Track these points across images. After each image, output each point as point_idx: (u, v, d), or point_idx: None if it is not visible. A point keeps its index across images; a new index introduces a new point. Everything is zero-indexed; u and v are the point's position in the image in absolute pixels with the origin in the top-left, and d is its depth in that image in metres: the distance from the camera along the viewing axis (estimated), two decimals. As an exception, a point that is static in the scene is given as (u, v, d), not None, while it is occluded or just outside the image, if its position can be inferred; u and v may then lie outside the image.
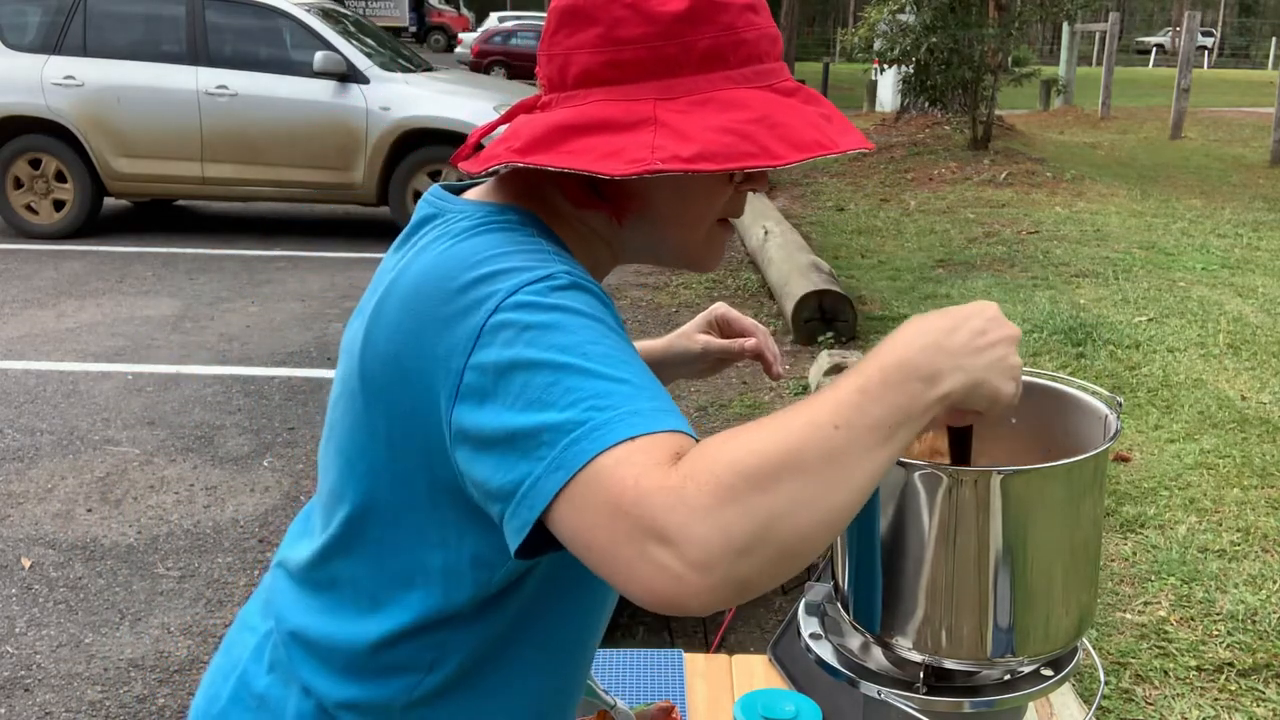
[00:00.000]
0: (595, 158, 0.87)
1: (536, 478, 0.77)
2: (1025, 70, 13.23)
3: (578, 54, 0.93)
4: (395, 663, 0.99)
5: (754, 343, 1.36)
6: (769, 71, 0.95)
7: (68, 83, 8.08)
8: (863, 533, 1.20)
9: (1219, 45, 52.28)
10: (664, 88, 0.91)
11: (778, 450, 0.75)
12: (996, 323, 0.89)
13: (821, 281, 6.05)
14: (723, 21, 0.92)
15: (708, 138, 0.87)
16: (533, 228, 0.95)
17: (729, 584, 0.72)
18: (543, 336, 0.81)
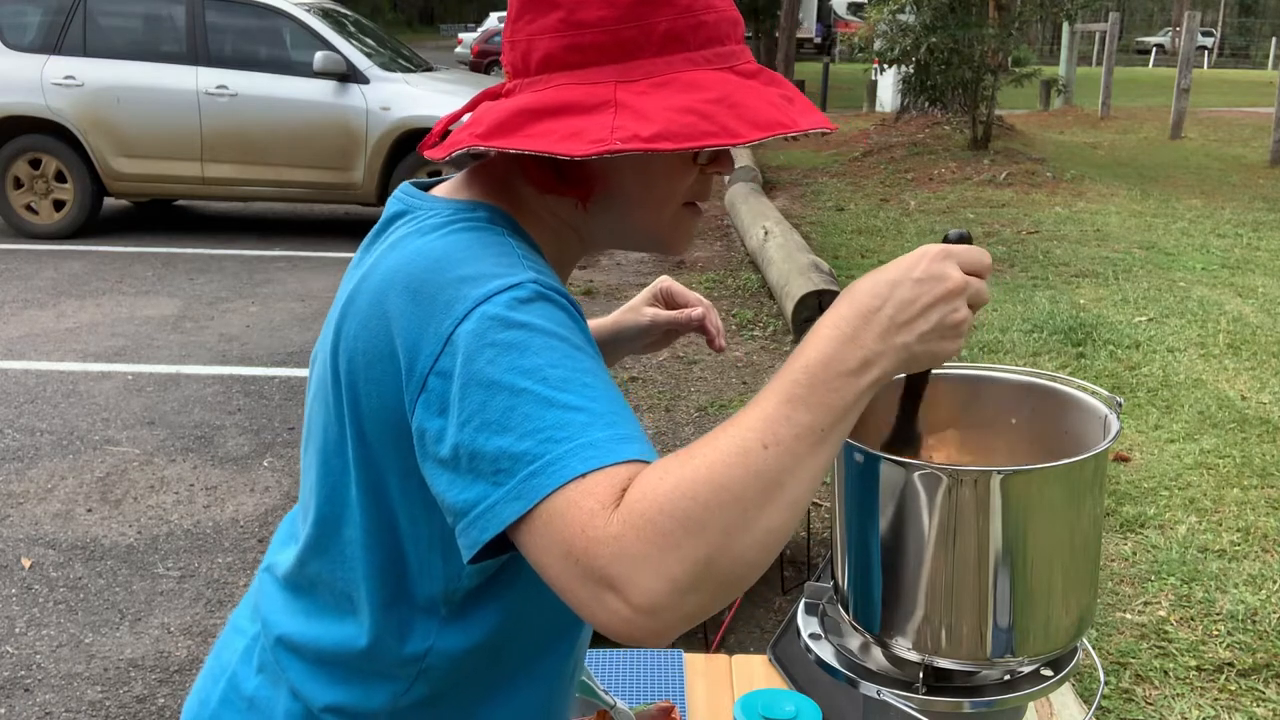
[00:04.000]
0: (556, 139, 0.87)
1: (492, 504, 0.79)
2: (1025, 70, 13.22)
3: (539, 39, 0.93)
4: (382, 669, 1.00)
5: (699, 312, 1.36)
6: (730, 54, 0.94)
7: (68, 83, 8.08)
8: (863, 533, 1.19)
9: (1219, 45, 52.26)
10: (624, 70, 0.91)
11: (709, 485, 0.75)
12: (930, 282, 0.84)
13: (821, 281, 6.05)
14: (681, 4, 0.92)
15: (668, 117, 0.87)
16: (503, 226, 0.95)
17: (678, 620, 0.75)
18: (504, 356, 0.81)
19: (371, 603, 0.98)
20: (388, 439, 0.90)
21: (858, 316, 0.82)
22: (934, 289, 0.83)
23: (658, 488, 0.75)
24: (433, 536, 0.94)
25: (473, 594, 0.98)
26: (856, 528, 1.20)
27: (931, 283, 0.84)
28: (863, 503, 1.18)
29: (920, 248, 0.86)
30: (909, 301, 0.83)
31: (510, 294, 0.85)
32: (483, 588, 0.98)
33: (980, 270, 0.88)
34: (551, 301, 0.86)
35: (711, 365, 5.61)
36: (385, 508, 0.95)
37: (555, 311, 0.86)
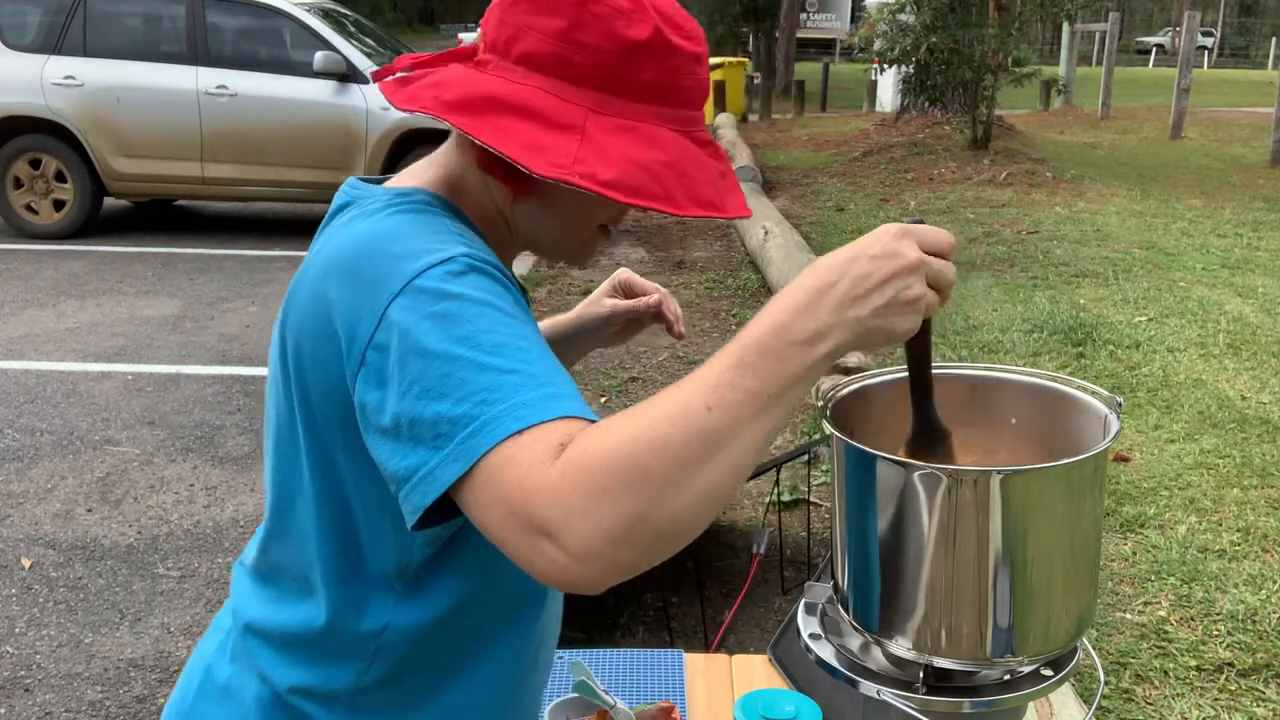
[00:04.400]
0: (519, 145, 0.90)
1: (432, 468, 0.82)
2: (1025, 70, 13.21)
3: (531, 34, 0.95)
4: (342, 648, 1.02)
5: (656, 299, 1.39)
6: (691, 119, 0.99)
7: (68, 83, 8.08)
8: (862, 533, 1.20)
9: (1219, 45, 52.25)
10: (601, 101, 0.94)
11: (648, 442, 0.77)
12: (886, 259, 0.85)
13: (821, 281, 6.04)
14: (671, 64, 0.96)
15: (624, 169, 0.91)
16: (440, 209, 0.98)
17: (612, 569, 0.78)
18: (439, 326, 0.84)
19: (327, 581, 1.00)
20: (334, 417, 0.93)
21: (814, 289, 0.84)
22: (889, 265, 0.84)
23: (600, 443, 0.78)
24: (383, 510, 0.96)
25: (426, 567, 1.00)
26: (856, 528, 1.20)
27: (887, 259, 0.85)
28: (863, 503, 1.18)
29: (881, 226, 0.88)
30: (864, 276, 0.84)
31: (443, 268, 0.88)
32: (436, 560, 1.00)
33: (940, 249, 0.88)
34: (483, 273, 0.89)
35: (711, 365, 5.61)
36: (336, 485, 0.97)
37: (487, 281, 0.89)
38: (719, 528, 3.82)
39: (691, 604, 3.28)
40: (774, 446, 4.51)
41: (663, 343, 5.95)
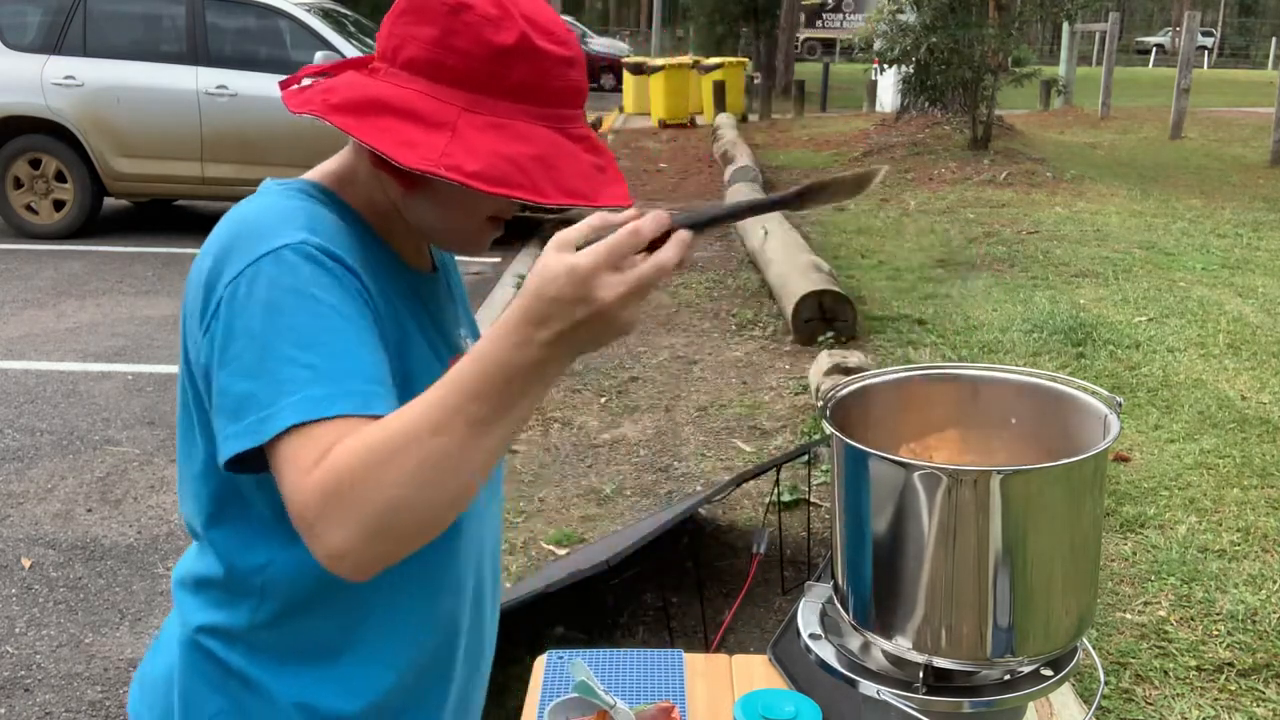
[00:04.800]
0: (394, 142, 1.00)
1: (228, 436, 0.96)
2: (1025, 70, 13.20)
3: (412, 43, 1.04)
4: (237, 587, 1.12)
5: None
6: (565, 117, 1.06)
7: (68, 83, 8.08)
8: (863, 533, 1.20)
9: (1219, 45, 52.22)
10: (473, 101, 1.03)
11: (380, 461, 0.88)
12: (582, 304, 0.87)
13: (821, 281, 6.05)
14: (539, 67, 1.03)
15: (490, 161, 0.99)
16: (314, 196, 1.08)
17: (366, 564, 0.90)
18: (264, 313, 0.96)
19: (220, 524, 1.12)
20: (206, 383, 1.04)
21: (527, 324, 0.89)
22: (586, 310, 0.88)
23: (349, 455, 0.88)
24: None
25: None
26: (857, 528, 1.20)
27: (583, 304, 0.88)
28: (863, 503, 1.18)
29: (559, 260, 0.88)
30: (570, 323, 0.88)
31: (275, 255, 0.98)
32: None
33: (618, 261, 0.89)
34: (315, 263, 0.99)
35: (711, 365, 5.61)
36: (214, 438, 1.06)
37: (316, 273, 0.98)
38: (719, 528, 3.82)
39: (691, 604, 3.28)
40: (774, 446, 4.51)
41: (663, 343, 5.96)
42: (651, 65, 19.05)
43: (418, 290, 1.17)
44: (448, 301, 1.25)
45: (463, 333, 1.28)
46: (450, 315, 1.24)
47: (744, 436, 4.66)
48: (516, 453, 4.48)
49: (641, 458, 4.45)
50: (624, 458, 4.45)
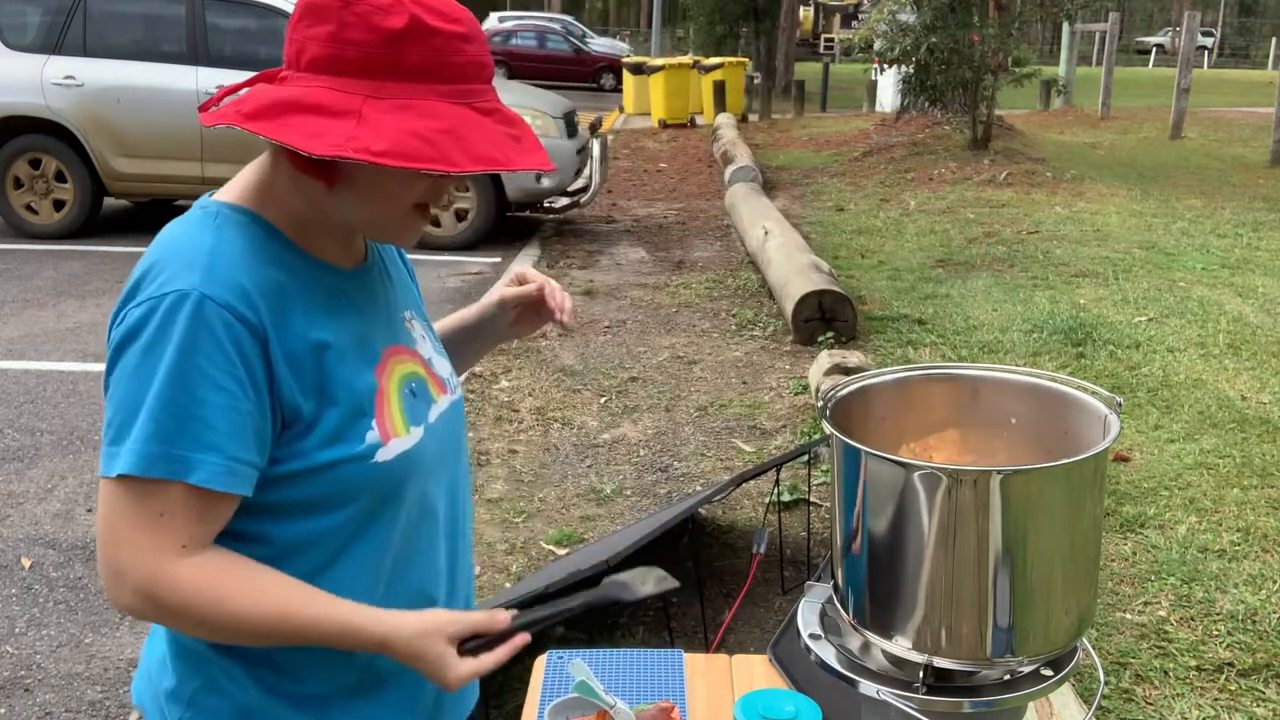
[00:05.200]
0: (303, 135, 1.04)
1: (102, 455, 1.09)
2: (1025, 70, 13.20)
3: (311, 43, 1.09)
4: None
5: (536, 285, 1.51)
6: (472, 92, 1.10)
7: (68, 83, 8.08)
8: (863, 533, 1.19)
9: (1219, 45, 52.22)
10: (376, 88, 1.07)
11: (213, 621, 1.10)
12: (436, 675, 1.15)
13: (821, 281, 6.05)
14: (434, 45, 1.07)
15: (397, 138, 1.04)
16: (226, 223, 1.14)
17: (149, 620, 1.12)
18: (134, 361, 1.07)
19: None
20: None
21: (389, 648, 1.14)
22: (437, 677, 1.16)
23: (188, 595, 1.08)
24: None
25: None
26: (856, 528, 1.20)
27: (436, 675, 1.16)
28: (863, 503, 1.18)
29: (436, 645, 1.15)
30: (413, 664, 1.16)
31: (161, 304, 1.07)
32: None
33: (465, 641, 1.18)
34: (196, 315, 1.06)
35: (711, 365, 5.61)
36: None
37: (195, 325, 1.06)
38: (719, 528, 3.82)
39: (691, 604, 3.28)
40: (774, 446, 4.51)
41: (663, 343, 5.96)
42: (651, 65, 19.06)
43: (342, 289, 1.21)
44: (384, 288, 1.29)
45: (407, 314, 1.32)
46: (388, 301, 1.28)
47: (744, 436, 4.66)
48: (516, 453, 4.49)
49: (641, 458, 4.45)
50: (624, 458, 4.45)
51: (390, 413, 1.19)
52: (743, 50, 27.12)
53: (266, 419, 1.11)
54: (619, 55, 27.58)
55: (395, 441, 1.19)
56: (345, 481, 1.16)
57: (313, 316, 1.15)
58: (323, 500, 1.16)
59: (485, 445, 4.55)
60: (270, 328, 1.10)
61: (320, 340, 1.15)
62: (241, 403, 1.08)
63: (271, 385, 1.11)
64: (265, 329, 1.10)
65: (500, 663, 1.17)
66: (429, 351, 1.32)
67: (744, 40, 27.82)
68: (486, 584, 3.43)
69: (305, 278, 1.16)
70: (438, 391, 1.30)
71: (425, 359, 1.30)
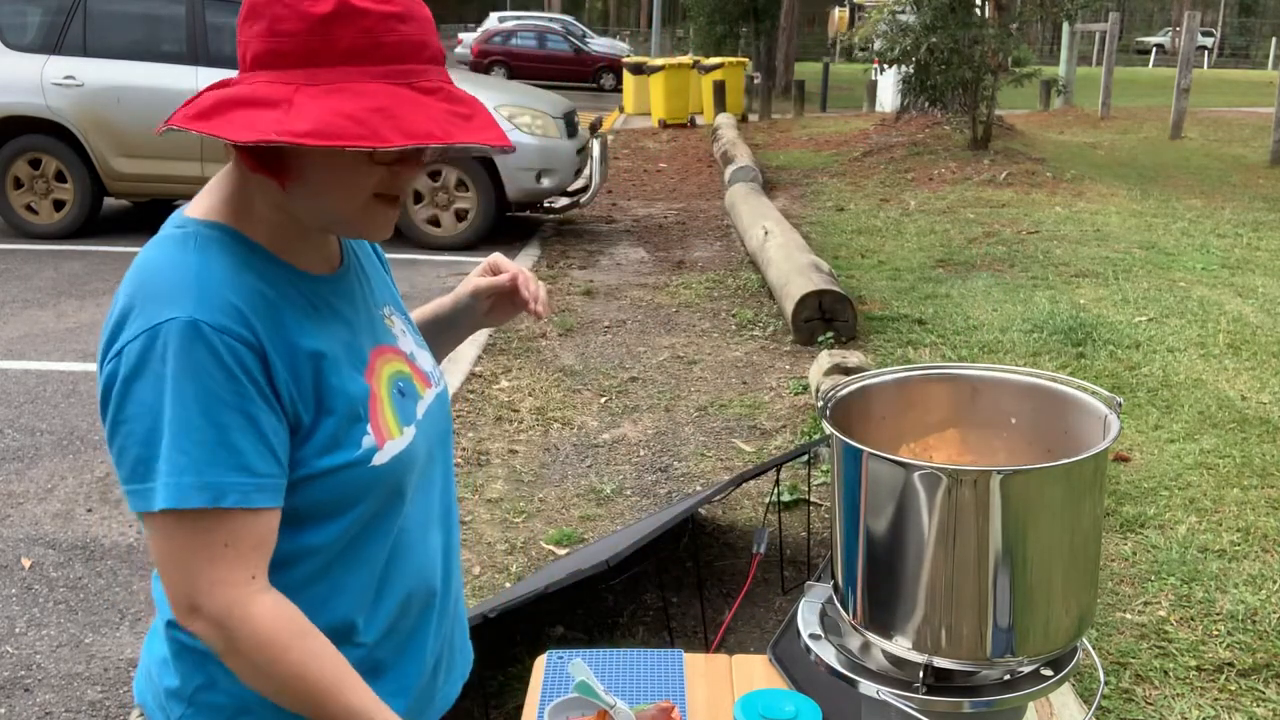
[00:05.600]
0: (236, 128, 1.05)
1: (128, 493, 1.09)
2: (1025, 70, 13.21)
3: (252, 42, 1.09)
4: None
5: (509, 275, 1.50)
6: (411, 72, 1.09)
7: (68, 83, 8.08)
8: (863, 533, 1.20)
9: (1219, 45, 52.22)
10: (310, 75, 1.06)
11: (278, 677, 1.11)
12: None
13: (821, 281, 6.05)
14: (363, 25, 1.07)
15: (325, 119, 1.03)
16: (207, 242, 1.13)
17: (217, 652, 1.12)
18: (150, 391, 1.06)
19: None
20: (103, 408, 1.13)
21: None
22: None
23: (263, 641, 1.09)
24: None
25: None
26: (856, 528, 1.20)
27: None
28: (863, 503, 1.18)
29: None
30: None
31: (169, 328, 1.06)
32: None
33: None
34: (197, 339, 1.06)
35: (711, 365, 5.61)
36: None
37: (195, 351, 1.06)
38: (719, 528, 3.82)
39: (691, 604, 3.28)
40: (774, 446, 4.51)
41: (663, 343, 5.95)
42: (651, 65, 19.06)
43: (323, 297, 1.21)
44: (362, 288, 1.29)
45: (386, 310, 1.32)
46: (366, 301, 1.28)
47: (744, 436, 4.66)
48: (516, 453, 4.49)
49: (641, 458, 4.45)
50: (624, 458, 4.45)
51: (383, 415, 1.20)
52: (743, 50, 27.13)
53: (284, 429, 1.12)
54: (619, 55, 27.58)
55: (390, 444, 1.20)
56: (345, 488, 1.17)
57: (303, 327, 1.16)
58: (323, 508, 1.17)
59: (485, 445, 4.55)
60: (267, 342, 1.11)
61: (315, 350, 1.15)
62: (260, 420, 1.09)
63: (278, 396, 1.12)
64: (263, 345, 1.10)
65: None
66: (410, 346, 1.33)
67: (744, 40, 27.82)
68: (486, 584, 3.44)
69: (289, 290, 1.17)
70: (423, 386, 1.30)
71: (408, 354, 1.31)
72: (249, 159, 1.12)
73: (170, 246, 1.14)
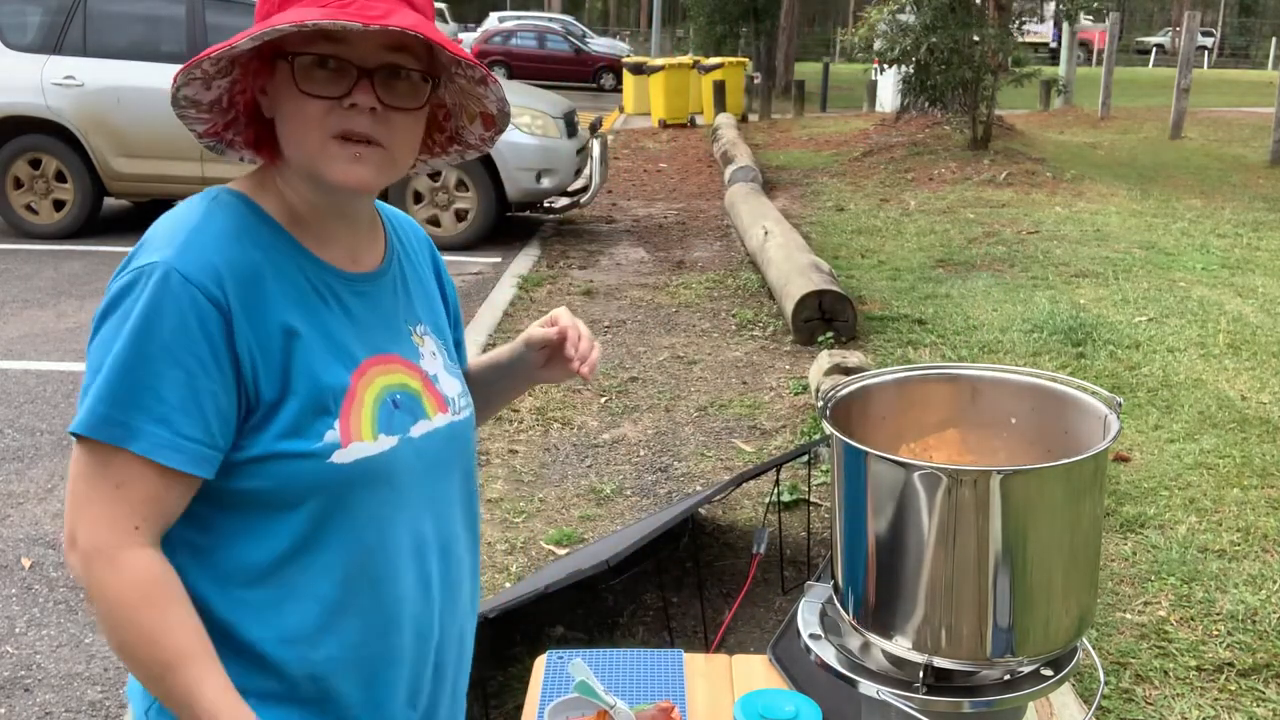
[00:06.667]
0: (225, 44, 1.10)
1: None
2: (1025, 70, 13.21)
3: None
4: None
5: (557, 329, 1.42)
6: (354, 3, 1.12)
7: (68, 83, 8.08)
8: (863, 533, 1.20)
9: (1219, 45, 52.21)
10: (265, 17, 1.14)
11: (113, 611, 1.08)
12: None
13: (821, 281, 6.05)
14: None
15: (259, 32, 1.08)
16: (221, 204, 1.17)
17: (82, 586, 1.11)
18: (111, 323, 1.10)
19: None
20: None
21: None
22: None
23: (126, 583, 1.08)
24: None
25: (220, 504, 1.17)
26: (857, 528, 1.20)
27: None
28: (863, 503, 1.18)
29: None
30: None
31: (138, 277, 1.10)
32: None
33: None
34: (165, 287, 1.08)
35: (711, 365, 5.61)
36: None
37: (161, 298, 1.08)
38: (719, 528, 3.82)
39: (691, 604, 3.28)
40: (774, 446, 4.51)
41: (663, 343, 5.96)
42: (651, 65, 19.06)
43: (333, 289, 1.20)
44: (393, 299, 1.27)
45: (419, 328, 1.30)
46: (393, 311, 1.27)
47: (744, 436, 4.66)
48: (516, 453, 4.49)
49: (641, 458, 4.45)
50: (624, 458, 4.45)
51: (358, 417, 1.16)
52: (743, 50, 27.13)
53: (231, 399, 1.11)
54: (619, 55, 27.58)
55: (357, 445, 1.16)
56: (295, 477, 1.13)
57: (288, 303, 1.15)
58: (271, 495, 1.14)
59: (485, 445, 4.54)
60: (237, 308, 1.11)
61: (290, 326, 1.14)
62: (200, 380, 1.09)
63: (236, 366, 1.11)
64: (230, 309, 1.10)
65: None
66: (435, 368, 1.29)
67: (744, 40, 27.82)
68: (487, 584, 3.44)
69: (289, 266, 1.17)
70: (435, 410, 1.25)
71: (428, 374, 1.27)
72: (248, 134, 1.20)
73: (188, 204, 1.18)
